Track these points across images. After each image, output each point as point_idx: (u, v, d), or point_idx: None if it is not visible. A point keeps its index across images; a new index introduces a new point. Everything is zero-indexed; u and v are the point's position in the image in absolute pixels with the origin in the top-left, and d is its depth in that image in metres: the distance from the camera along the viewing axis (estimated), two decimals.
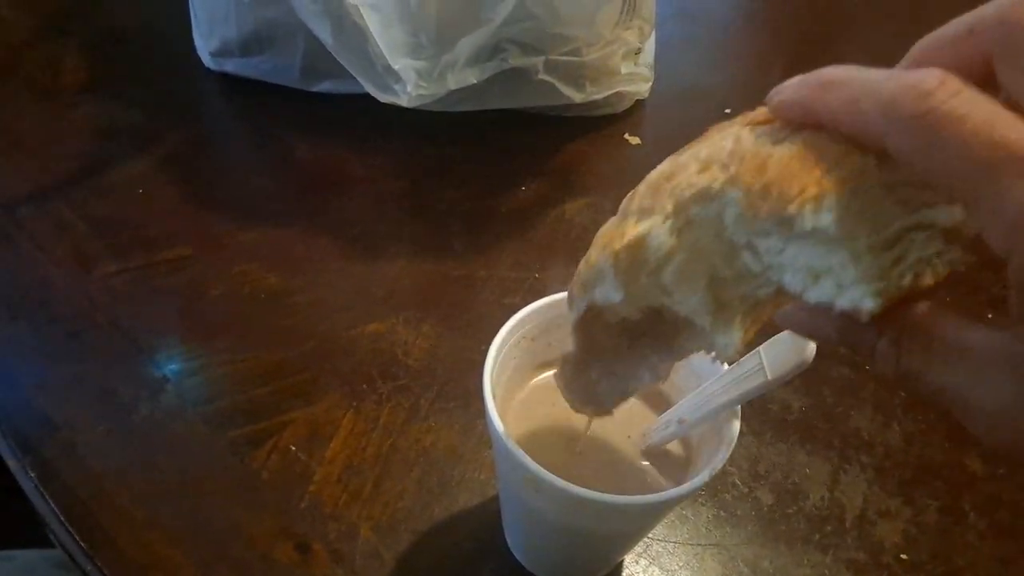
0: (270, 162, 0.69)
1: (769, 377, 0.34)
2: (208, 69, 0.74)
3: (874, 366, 0.23)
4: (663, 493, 0.33)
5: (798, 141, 0.22)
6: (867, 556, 0.46)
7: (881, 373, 0.23)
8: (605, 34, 0.64)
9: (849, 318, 0.23)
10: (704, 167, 0.25)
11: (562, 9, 0.58)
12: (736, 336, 0.27)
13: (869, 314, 0.22)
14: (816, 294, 0.23)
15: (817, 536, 0.47)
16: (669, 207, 0.25)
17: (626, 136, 0.73)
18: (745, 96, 0.79)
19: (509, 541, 0.45)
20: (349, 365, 0.53)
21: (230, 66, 0.71)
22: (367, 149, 0.69)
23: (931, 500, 0.49)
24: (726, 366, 0.36)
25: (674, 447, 0.41)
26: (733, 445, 0.36)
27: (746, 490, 0.49)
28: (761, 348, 0.34)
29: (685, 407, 0.38)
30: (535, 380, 0.42)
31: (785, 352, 0.33)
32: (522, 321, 0.39)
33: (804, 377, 0.30)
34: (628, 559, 0.45)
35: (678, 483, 0.38)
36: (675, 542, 0.46)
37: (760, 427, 0.52)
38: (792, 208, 0.21)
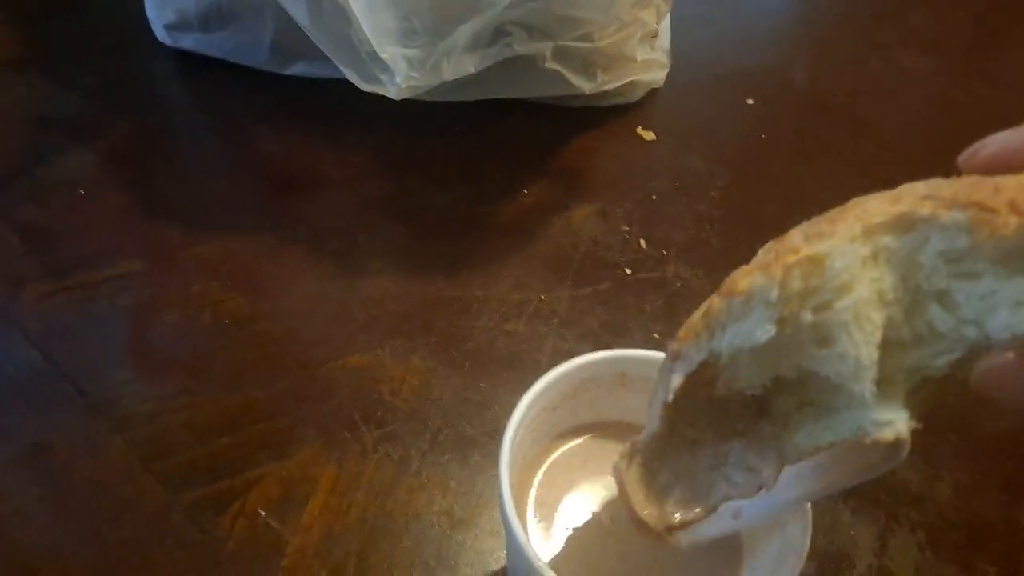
0: (234, 159, 0.62)
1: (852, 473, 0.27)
2: (163, 45, 0.67)
3: None
4: None
5: None
6: None
7: None
8: (622, 15, 0.56)
9: None
10: (896, 200, 0.22)
11: None
12: (902, 414, 0.22)
13: None
14: None
15: None
16: (858, 229, 0.22)
17: (639, 130, 0.66)
18: (770, 87, 0.74)
19: None
20: (328, 408, 0.47)
21: (188, 42, 0.64)
22: (346, 144, 0.62)
23: (990, 566, 0.44)
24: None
25: None
26: (805, 555, 0.30)
27: None
28: None
29: None
30: (556, 454, 0.36)
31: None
32: (542, 392, 0.34)
33: None
34: None
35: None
36: None
37: None
38: None
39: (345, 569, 0.40)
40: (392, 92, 0.51)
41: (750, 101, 0.69)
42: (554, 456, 0.36)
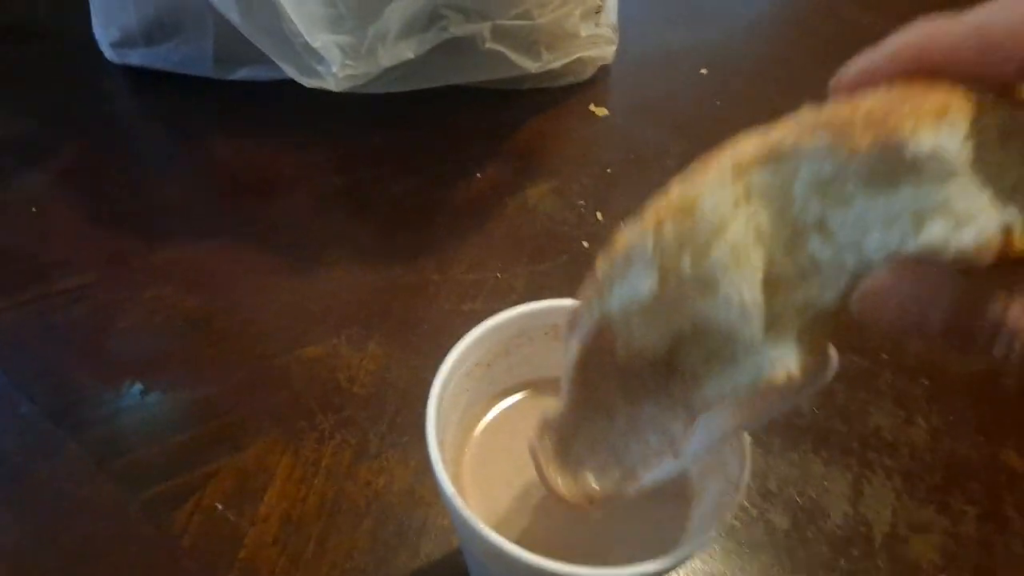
0: (186, 166, 0.61)
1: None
2: (111, 63, 0.67)
3: (997, 347, 0.19)
4: (650, 564, 0.27)
5: (889, 91, 0.19)
6: None
7: (1003, 358, 0.19)
8: None
9: (967, 280, 0.19)
10: (767, 134, 0.21)
11: None
12: (793, 352, 0.22)
13: (1003, 235, 0.18)
14: (923, 238, 0.19)
15: (843, 561, 0.41)
16: (728, 168, 0.21)
17: (591, 107, 0.66)
18: (723, 57, 0.74)
19: None
20: (284, 399, 0.46)
21: (134, 58, 0.64)
22: (298, 143, 0.62)
23: (968, 506, 0.44)
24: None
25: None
26: (743, 487, 0.29)
27: (756, 513, 0.42)
28: None
29: None
30: (494, 411, 0.35)
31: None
32: (472, 347, 0.33)
33: None
34: None
35: (677, 521, 0.32)
36: None
37: (766, 435, 0.45)
38: (907, 128, 0.18)
39: (304, 554, 0.39)
40: (332, 83, 0.51)
41: (703, 71, 0.68)
42: (493, 414, 0.35)
